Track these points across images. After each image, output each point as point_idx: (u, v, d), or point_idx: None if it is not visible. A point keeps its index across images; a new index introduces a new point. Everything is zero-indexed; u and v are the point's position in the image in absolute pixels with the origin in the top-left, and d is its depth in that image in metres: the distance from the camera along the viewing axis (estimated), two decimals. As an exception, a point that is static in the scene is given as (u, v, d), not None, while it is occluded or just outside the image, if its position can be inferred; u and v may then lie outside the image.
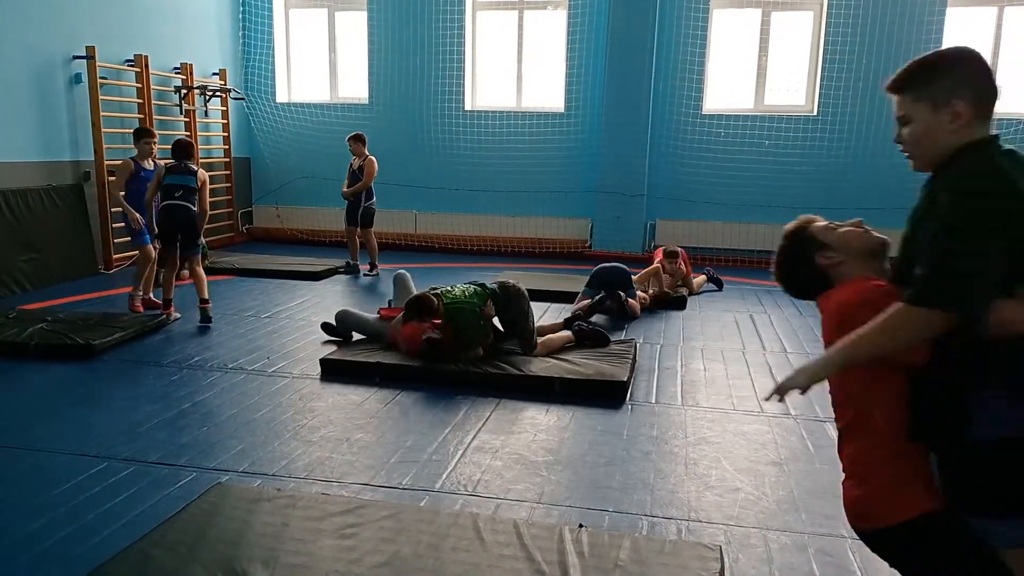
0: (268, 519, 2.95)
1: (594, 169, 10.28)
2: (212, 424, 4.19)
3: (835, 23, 9.64)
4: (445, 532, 2.90)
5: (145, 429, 4.09)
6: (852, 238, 1.99)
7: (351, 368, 5.07)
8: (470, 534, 2.89)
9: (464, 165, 10.71)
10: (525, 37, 10.74)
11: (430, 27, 10.56)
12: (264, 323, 6.43)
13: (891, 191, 9.65)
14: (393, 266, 9.39)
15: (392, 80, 10.82)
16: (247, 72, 11.17)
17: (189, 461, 3.70)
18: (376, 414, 4.41)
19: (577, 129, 10.46)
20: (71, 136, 8.18)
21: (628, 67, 9.90)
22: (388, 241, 10.70)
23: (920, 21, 9.45)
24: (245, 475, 3.56)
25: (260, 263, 8.93)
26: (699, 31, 9.95)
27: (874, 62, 9.56)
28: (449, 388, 4.82)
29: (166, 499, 3.28)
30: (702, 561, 2.67)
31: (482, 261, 9.80)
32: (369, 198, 8.75)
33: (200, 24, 10.28)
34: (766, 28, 10.11)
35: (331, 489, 3.43)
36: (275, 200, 11.26)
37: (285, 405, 4.52)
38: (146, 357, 5.38)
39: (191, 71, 9.88)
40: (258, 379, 4.97)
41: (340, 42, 11.28)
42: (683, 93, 10.05)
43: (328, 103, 11.21)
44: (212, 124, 10.68)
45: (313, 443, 3.97)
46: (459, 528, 2.94)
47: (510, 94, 10.94)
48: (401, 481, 3.54)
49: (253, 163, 11.52)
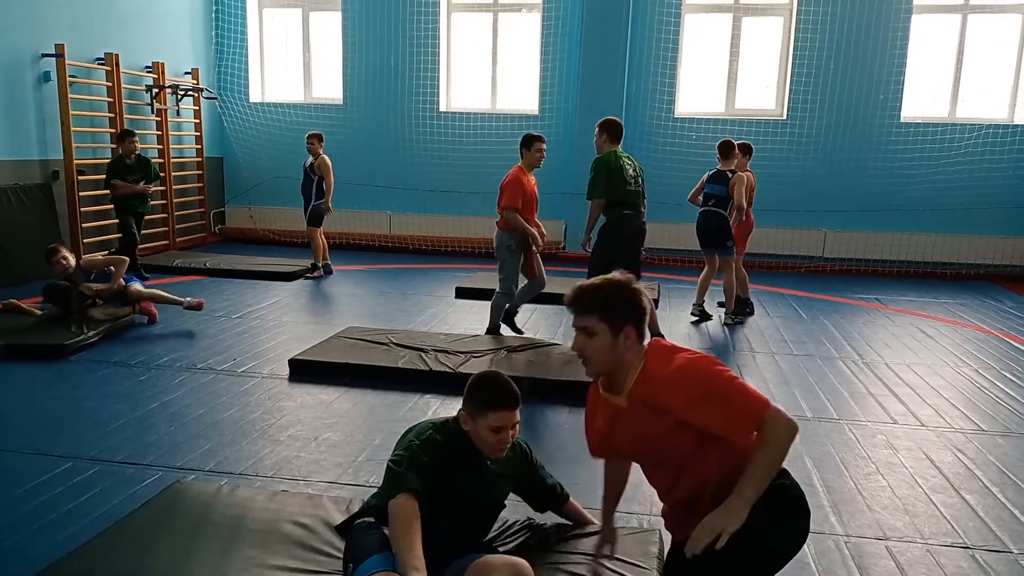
0: (226, 514, 2.96)
1: (568, 171, 10.34)
2: (179, 424, 4.18)
3: (804, 29, 9.80)
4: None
5: (112, 429, 4.08)
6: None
7: (320, 368, 5.07)
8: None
9: (438, 166, 10.73)
10: (500, 39, 10.79)
11: (405, 28, 10.57)
12: (235, 323, 6.41)
13: (857, 193, 9.88)
14: (368, 267, 9.41)
15: (367, 81, 10.82)
16: (220, 71, 11.10)
17: (155, 460, 3.70)
18: (345, 413, 4.43)
19: (551, 131, 10.49)
20: (39, 135, 8.09)
21: (601, 70, 9.98)
22: (362, 242, 10.69)
23: (886, 27, 9.64)
24: (211, 474, 3.56)
25: (232, 263, 8.89)
26: (671, 35, 10.07)
27: (842, 68, 9.74)
28: (419, 388, 4.84)
29: (130, 498, 3.28)
30: (642, 545, 2.75)
31: (456, 262, 9.84)
32: (320, 197, 8.70)
33: (172, 23, 10.20)
34: (737, 33, 10.24)
35: (297, 487, 3.44)
36: (248, 200, 11.21)
37: (253, 405, 4.52)
38: (115, 357, 5.35)
39: (163, 70, 9.80)
40: (227, 379, 4.96)
41: (314, 42, 11.25)
42: (656, 96, 10.16)
43: (302, 103, 11.18)
44: (184, 124, 10.60)
45: (281, 442, 3.98)
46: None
47: (485, 96, 10.98)
48: (368, 479, 3.56)
49: (226, 163, 11.46)
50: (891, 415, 4.66)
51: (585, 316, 2.19)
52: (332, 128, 10.08)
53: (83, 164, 8.52)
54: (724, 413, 2.07)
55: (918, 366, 5.70)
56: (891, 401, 4.91)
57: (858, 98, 9.81)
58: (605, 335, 2.17)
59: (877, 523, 3.29)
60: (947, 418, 4.63)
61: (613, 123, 5.95)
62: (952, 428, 4.47)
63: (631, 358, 2.21)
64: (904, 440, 4.26)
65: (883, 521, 3.31)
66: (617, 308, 2.18)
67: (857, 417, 4.59)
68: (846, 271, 9.80)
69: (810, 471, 3.74)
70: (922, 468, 3.88)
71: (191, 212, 10.64)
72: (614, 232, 5.78)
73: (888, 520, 3.32)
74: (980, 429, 4.47)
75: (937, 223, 9.73)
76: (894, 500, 3.52)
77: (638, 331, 2.20)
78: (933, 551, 3.07)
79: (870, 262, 9.85)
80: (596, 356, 2.20)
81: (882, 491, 3.61)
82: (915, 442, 4.23)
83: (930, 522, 3.32)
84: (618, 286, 2.20)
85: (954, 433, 4.39)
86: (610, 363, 2.21)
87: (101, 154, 8.95)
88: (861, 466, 3.89)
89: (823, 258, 9.99)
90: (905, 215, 9.75)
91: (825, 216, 9.89)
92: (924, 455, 4.04)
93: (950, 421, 4.58)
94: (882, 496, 3.55)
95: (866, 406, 4.81)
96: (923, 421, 4.56)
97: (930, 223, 9.75)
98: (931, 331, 6.84)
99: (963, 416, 4.68)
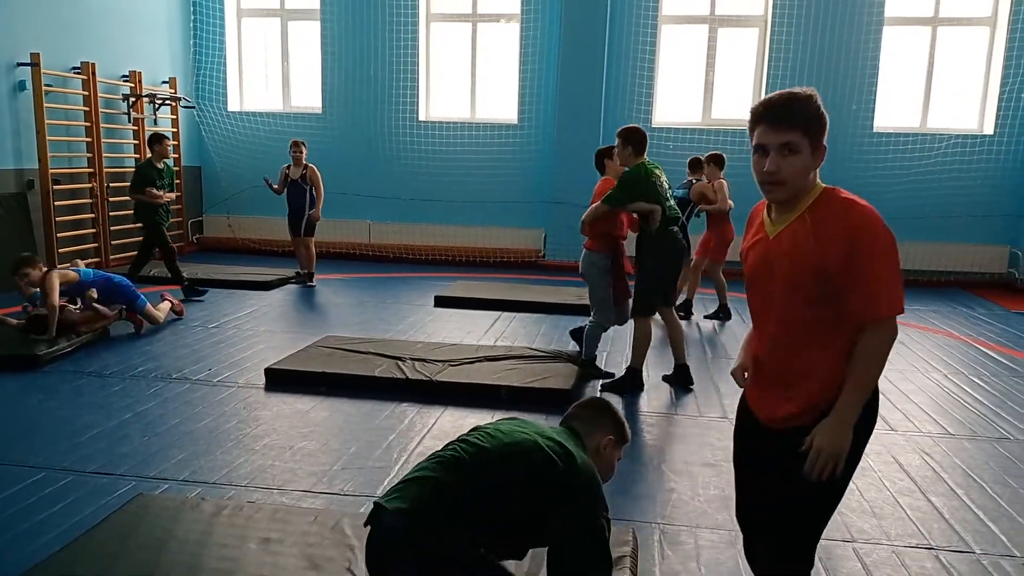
0: (191, 527, 2.95)
1: (547, 180, 10.41)
2: (153, 434, 4.17)
3: (778, 40, 9.95)
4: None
5: (85, 439, 4.06)
6: None
7: (297, 377, 5.07)
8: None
9: (418, 175, 10.76)
10: (479, 49, 10.85)
11: (384, 38, 10.61)
12: (211, 333, 6.39)
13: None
14: (347, 276, 9.40)
15: (346, 90, 10.84)
16: (198, 80, 11.08)
17: (129, 471, 3.69)
18: (321, 423, 4.43)
19: (530, 140, 10.60)
20: (14, 144, 8.03)
21: (580, 80, 10.07)
22: (342, 251, 10.68)
23: (859, 39, 9.81)
24: (185, 483, 3.56)
25: (210, 273, 8.85)
26: (648, 45, 10.18)
27: (816, 78, 9.87)
28: (396, 397, 4.86)
29: (103, 508, 3.26)
30: (615, 547, 2.77)
31: (436, 271, 9.86)
32: (312, 206, 8.71)
33: (150, 32, 10.17)
34: (713, 44, 10.37)
35: (271, 497, 3.45)
36: (226, 210, 11.17)
37: (229, 414, 4.51)
38: (89, 368, 5.32)
39: (140, 79, 9.77)
40: (202, 389, 4.95)
41: (293, 51, 11.25)
42: (634, 106, 10.25)
43: (281, 112, 11.17)
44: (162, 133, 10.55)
45: (256, 451, 3.97)
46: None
47: (464, 105, 11.04)
48: (343, 488, 3.57)
49: (204, 172, 11.41)
50: (861, 420, 4.73)
51: (788, 130, 1.97)
52: (311, 137, 10.06)
53: (58, 173, 8.46)
54: (870, 281, 1.93)
55: (889, 372, 5.79)
56: (862, 406, 4.99)
57: (832, 108, 9.68)
58: (806, 153, 1.98)
59: (845, 526, 3.35)
60: (916, 422, 4.71)
61: (636, 133, 5.10)
62: (920, 432, 4.55)
63: (813, 179, 2.04)
64: (874, 444, 4.29)
65: (851, 524, 3.37)
66: (818, 124, 1.99)
67: (828, 422, 4.65)
68: (821, 278, 9.92)
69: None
70: (890, 471, 3.95)
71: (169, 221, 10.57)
72: (667, 249, 5.14)
73: (856, 523, 3.38)
74: (947, 433, 4.55)
75: (909, 231, 9.87)
76: (862, 503, 3.58)
77: (826, 149, 2.03)
78: (899, 552, 3.14)
79: (845, 269, 9.98)
80: (793, 177, 2.00)
81: (851, 494, 3.67)
82: (884, 446, 4.30)
83: (896, 524, 3.38)
84: (811, 97, 2.00)
85: (922, 437, 4.47)
86: (802, 187, 2.02)
87: (77, 163, 8.90)
88: (831, 470, 3.95)
89: (799, 266, 10.10)
90: (878, 223, 9.89)
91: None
92: (893, 459, 4.12)
93: (919, 425, 4.66)
94: (850, 499, 3.61)
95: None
96: (892, 425, 4.63)
97: (903, 231, 9.76)
98: (903, 337, 6.95)
99: (931, 420, 4.77)
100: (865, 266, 1.93)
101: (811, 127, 1.99)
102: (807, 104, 2.00)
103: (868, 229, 1.94)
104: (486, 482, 2.20)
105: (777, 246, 2.09)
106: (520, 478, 2.21)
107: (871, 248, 1.93)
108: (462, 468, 2.22)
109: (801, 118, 1.98)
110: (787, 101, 2.00)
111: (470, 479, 2.20)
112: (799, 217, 2.05)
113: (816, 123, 2.00)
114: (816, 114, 1.99)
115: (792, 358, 2.10)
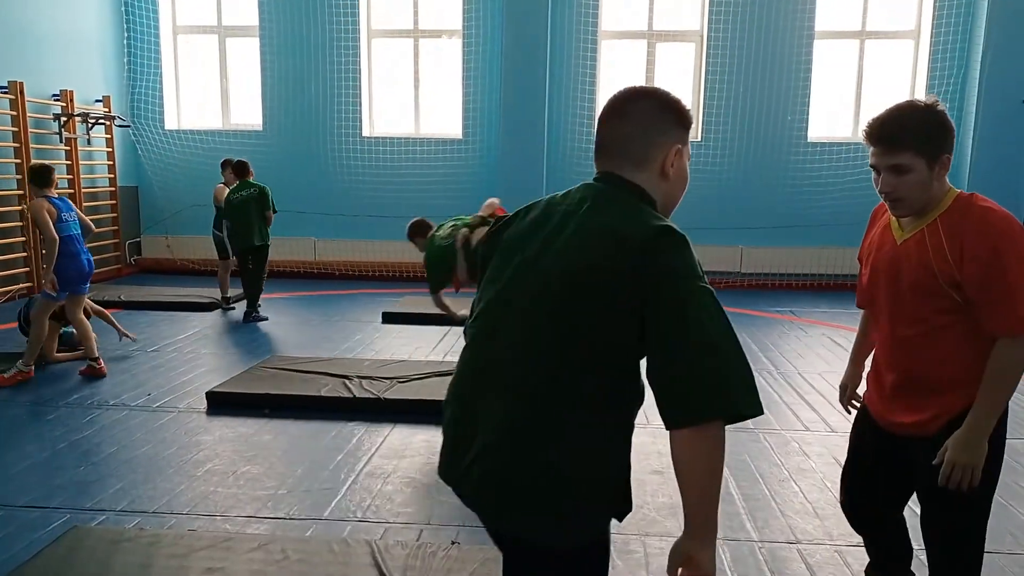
0: (129, 560, 2.86)
1: (493, 193, 10.26)
2: (89, 463, 4.03)
3: (714, 54, 10.20)
4: (312, 559, 2.93)
5: (16, 471, 3.89)
6: None
7: (240, 400, 4.96)
8: (328, 558, 2.94)
9: (363, 191, 10.67)
10: (421, 65, 10.85)
11: (325, 54, 10.53)
12: (150, 357, 6.21)
13: (770, 211, 10.27)
14: (293, 295, 9.25)
15: (287, 106, 10.71)
16: (133, 99, 10.82)
17: (63, 503, 3.55)
18: (266, 446, 4.34)
19: (475, 155, 10.62)
20: (-64, 166, 7.72)
21: (522, 94, 10.14)
22: (287, 269, 10.52)
23: (791, 53, 10.12)
24: (123, 514, 3.44)
25: (148, 295, 8.63)
26: (588, 61, 10.32)
27: (751, 91, 10.16)
28: (343, 416, 4.79)
29: (35, 543, 3.13)
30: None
31: (383, 287, 9.78)
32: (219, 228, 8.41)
33: (82, 49, 9.90)
34: (652, 59, 10.58)
35: (214, 523, 3.36)
36: (165, 230, 10.90)
37: (169, 441, 4.38)
38: (23, 397, 5.11)
39: (72, 98, 9.49)
40: (141, 415, 4.80)
41: (232, 68, 11.09)
42: (577, 120, 10.37)
43: (220, 130, 10.98)
44: (96, 152, 10.27)
45: (197, 478, 3.87)
46: (323, 554, 2.99)
47: (408, 121, 11.01)
48: (289, 511, 3.50)
49: (141, 192, 11.13)
50: (803, 422, 4.84)
51: (897, 152, 1.92)
52: (252, 154, 9.87)
53: (-14, 196, 8.15)
54: (1005, 295, 1.87)
55: (829, 374, 5.95)
56: (803, 409, 5.11)
57: (767, 119, 10.25)
58: (920, 169, 1.92)
59: (789, 528, 3.41)
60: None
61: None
62: (860, 433, 4.67)
63: (940, 187, 1.97)
64: (815, 446, 4.44)
65: (795, 525, 3.44)
66: (932, 140, 1.92)
67: (771, 426, 4.75)
68: (762, 285, 10.17)
69: (727, 479, 3.86)
70: (832, 473, 4.04)
71: (104, 243, 10.27)
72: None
73: (800, 524, 3.45)
74: (885, 432, 4.69)
75: (845, 237, 10.15)
76: (805, 505, 3.66)
77: (951, 157, 1.96)
78: (841, 552, 3.21)
79: (785, 276, 10.25)
80: (910, 194, 1.94)
81: (794, 496, 3.75)
82: (826, 448, 4.40)
83: (839, 524, 3.45)
84: (925, 110, 1.93)
85: (861, 437, 4.59)
86: (925, 200, 1.97)
87: (5, 186, 8.59)
88: (775, 473, 4.03)
89: (740, 273, 10.34)
90: (815, 230, 10.18)
91: (742, 233, 10.25)
92: (834, 460, 4.21)
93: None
94: (794, 501, 3.69)
95: (780, 414, 4.99)
96: (833, 427, 4.75)
97: (838, 237, 10.17)
98: (842, 340, 7.15)
99: (870, 421, 4.90)
100: (1002, 277, 1.88)
101: (923, 146, 1.92)
102: (918, 120, 1.94)
103: (1007, 237, 1.89)
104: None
105: (904, 253, 2.06)
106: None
107: (1007, 256, 1.87)
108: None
109: (910, 137, 1.92)
110: (895, 119, 1.95)
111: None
112: (930, 225, 2.00)
113: (928, 140, 1.93)
114: (928, 131, 1.93)
115: (920, 364, 2.07)
